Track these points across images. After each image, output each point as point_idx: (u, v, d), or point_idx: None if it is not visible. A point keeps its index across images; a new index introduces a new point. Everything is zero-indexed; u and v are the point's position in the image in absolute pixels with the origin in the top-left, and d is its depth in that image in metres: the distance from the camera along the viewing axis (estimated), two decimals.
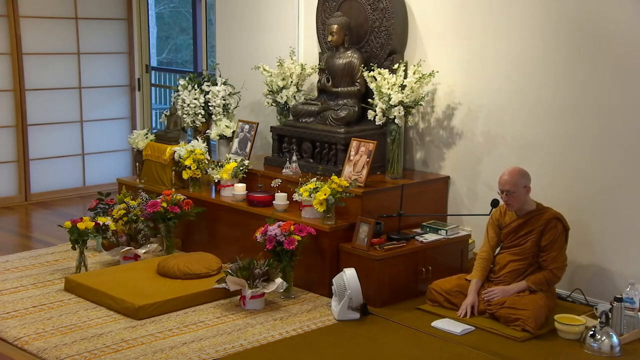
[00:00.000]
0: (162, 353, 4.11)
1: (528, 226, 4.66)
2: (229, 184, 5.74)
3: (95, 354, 4.09)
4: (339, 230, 5.05)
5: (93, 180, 7.99)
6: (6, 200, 7.41)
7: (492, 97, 5.34)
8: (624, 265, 4.77)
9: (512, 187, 4.61)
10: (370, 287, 4.78)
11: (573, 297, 4.94)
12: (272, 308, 4.77)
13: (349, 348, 4.24)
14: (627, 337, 4.30)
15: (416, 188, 5.43)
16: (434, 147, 5.71)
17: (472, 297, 4.65)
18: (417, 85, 5.30)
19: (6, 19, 7.30)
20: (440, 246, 5.13)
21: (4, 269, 5.47)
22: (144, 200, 5.81)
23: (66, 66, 7.75)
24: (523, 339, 4.32)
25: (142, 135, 6.42)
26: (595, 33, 4.79)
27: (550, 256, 4.59)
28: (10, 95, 7.40)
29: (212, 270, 5.14)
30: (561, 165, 5.02)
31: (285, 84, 6.10)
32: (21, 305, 4.77)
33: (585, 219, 4.89)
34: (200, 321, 4.56)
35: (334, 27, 5.75)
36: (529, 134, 5.16)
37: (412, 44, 5.73)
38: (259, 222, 5.12)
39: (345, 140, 5.48)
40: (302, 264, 4.97)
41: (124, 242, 5.52)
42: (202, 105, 6.35)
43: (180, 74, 9.90)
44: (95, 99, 7.99)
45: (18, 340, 4.26)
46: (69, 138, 7.85)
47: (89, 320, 4.54)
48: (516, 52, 5.18)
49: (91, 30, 7.87)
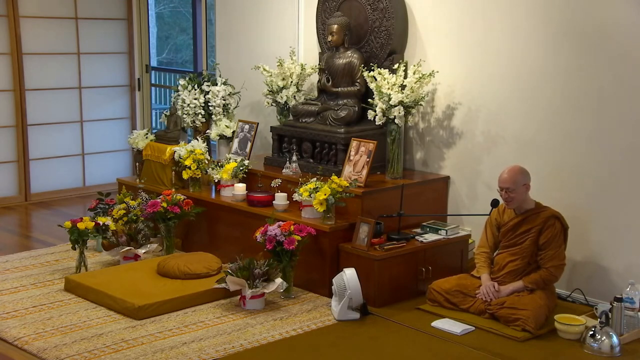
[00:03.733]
0: (162, 353, 4.11)
1: (526, 224, 4.66)
2: (229, 184, 5.74)
3: (95, 354, 4.09)
4: (339, 230, 5.04)
5: (93, 180, 7.99)
6: (6, 200, 7.41)
7: (492, 97, 5.34)
8: (624, 265, 4.77)
9: (512, 184, 4.61)
10: (370, 287, 4.77)
11: (573, 297, 4.94)
12: (272, 308, 4.77)
13: (349, 348, 4.24)
14: (627, 337, 4.30)
15: (416, 188, 5.43)
16: (434, 147, 5.70)
17: (489, 281, 4.65)
18: (417, 85, 5.30)
19: (6, 19, 7.30)
20: (440, 246, 5.13)
21: (4, 269, 5.47)
22: (144, 200, 5.80)
23: (66, 66, 7.75)
24: (523, 339, 4.32)
25: (142, 135, 6.42)
26: (595, 33, 4.79)
27: (548, 254, 4.59)
28: (10, 95, 7.40)
29: (212, 270, 5.14)
30: (561, 165, 5.02)
31: (285, 84, 6.10)
32: (21, 305, 4.77)
33: (585, 219, 4.89)
34: (200, 321, 4.56)
35: (334, 27, 5.75)
36: (529, 134, 5.16)
37: (412, 44, 5.73)
38: (259, 222, 5.12)
39: (345, 140, 5.48)
40: (302, 264, 4.97)
41: (124, 242, 5.52)
42: (202, 105, 6.34)
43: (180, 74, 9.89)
44: (95, 99, 7.99)
45: (18, 340, 4.26)
46: (69, 138, 7.85)
47: (89, 320, 4.54)
48: (516, 52, 5.18)
49: (91, 30, 7.87)
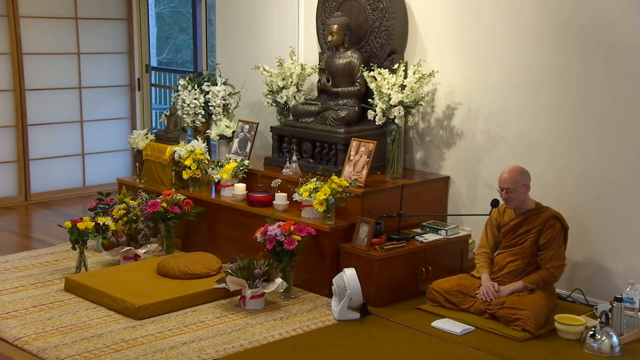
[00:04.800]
0: (162, 353, 4.11)
1: (527, 225, 4.66)
2: (229, 184, 5.74)
3: (95, 354, 4.09)
4: (339, 230, 5.04)
5: (93, 180, 7.99)
6: (6, 200, 7.41)
7: (492, 97, 5.34)
8: (624, 265, 4.77)
9: (512, 185, 4.61)
10: (370, 287, 4.77)
11: (573, 297, 4.94)
12: (272, 308, 4.77)
13: (349, 348, 4.24)
14: (627, 337, 4.30)
15: (416, 188, 5.43)
16: (434, 147, 5.70)
17: (489, 281, 4.65)
18: (417, 85, 5.30)
19: (6, 19, 7.30)
20: (440, 246, 5.12)
21: (4, 269, 5.47)
22: (144, 200, 5.80)
23: (66, 66, 7.75)
24: (523, 339, 4.32)
25: (142, 135, 6.42)
26: (596, 34, 4.78)
27: (548, 255, 4.59)
28: (10, 95, 7.40)
29: (212, 270, 5.14)
30: (561, 165, 5.02)
31: (285, 84, 6.10)
32: (21, 305, 4.77)
33: (585, 219, 4.89)
34: (200, 321, 4.56)
35: (334, 27, 5.75)
36: (529, 134, 5.16)
37: (412, 44, 5.73)
38: (259, 222, 5.12)
39: (345, 140, 5.48)
40: (302, 264, 4.97)
41: (124, 242, 5.52)
42: (202, 105, 6.34)
43: (180, 74, 9.89)
44: (95, 99, 7.98)
45: (18, 340, 4.26)
46: (69, 138, 7.85)
47: (89, 320, 4.54)
48: (516, 52, 5.18)
49: (91, 30, 7.87)
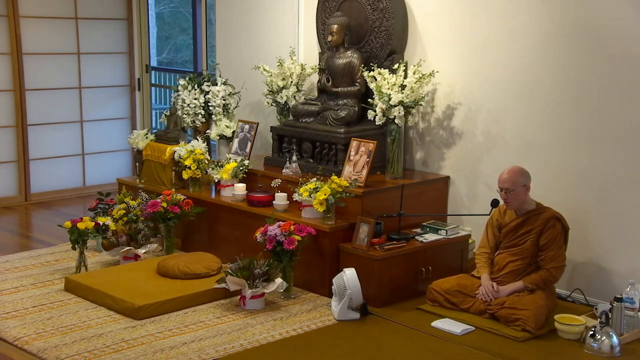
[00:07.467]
0: (162, 353, 4.11)
1: (527, 225, 4.66)
2: (229, 184, 5.74)
3: (95, 354, 4.09)
4: (339, 230, 5.04)
5: (93, 180, 7.99)
6: (6, 200, 7.41)
7: (492, 97, 5.34)
8: (624, 265, 4.77)
9: (512, 185, 4.61)
10: (370, 287, 4.77)
11: (573, 297, 4.94)
12: (272, 308, 4.77)
13: (349, 348, 4.24)
14: (627, 337, 4.30)
15: (416, 188, 5.43)
16: (434, 147, 5.70)
17: (489, 281, 4.65)
18: (417, 85, 5.30)
19: (6, 19, 7.30)
20: (440, 246, 5.13)
21: (4, 269, 5.47)
22: (144, 200, 5.81)
23: (66, 66, 7.75)
24: (523, 339, 4.32)
25: (142, 135, 6.42)
26: (596, 34, 4.78)
27: (548, 255, 4.59)
28: (10, 95, 7.40)
29: (212, 270, 5.14)
30: (561, 165, 5.02)
31: (285, 84, 6.10)
32: (21, 305, 4.77)
33: (585, 219, 4.89)
34: (200, 321, 4.56)
35: (334, 27, 5.75)
36: (529, 134, 5.16)
37: (412, 44, 5.73)
38: (259, 222, 5.12)
39: (345, 140, 5.48)
40: (302, 264, 4.97)
41: (124, 242, 5.52)
42: (202, 105, 6.34)
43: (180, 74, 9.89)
44: (95, 99, 7.98)
45: (18, 340, 4.26)
46: (69, 138, 7.85)
47: (89, 320, 4.54)
48: (517, 52, 5.18)
49: (91, 30, 7.87)
